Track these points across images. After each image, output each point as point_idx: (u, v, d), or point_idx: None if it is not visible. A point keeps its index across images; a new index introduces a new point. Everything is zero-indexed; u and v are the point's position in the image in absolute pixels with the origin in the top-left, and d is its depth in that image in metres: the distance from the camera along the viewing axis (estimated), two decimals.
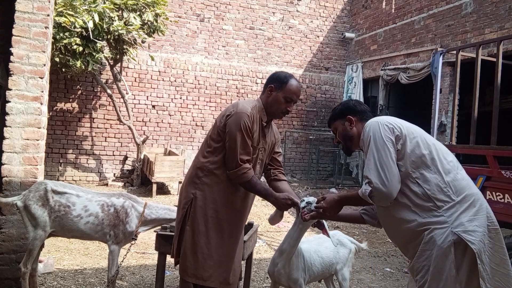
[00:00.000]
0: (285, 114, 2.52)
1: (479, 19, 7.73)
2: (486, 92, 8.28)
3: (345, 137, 2.25)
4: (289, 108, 2.49)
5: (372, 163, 1.95)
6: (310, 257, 2.73)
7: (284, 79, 2.47)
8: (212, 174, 2.40)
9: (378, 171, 1.92)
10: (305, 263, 2.68)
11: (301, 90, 2.61)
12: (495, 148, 4.26)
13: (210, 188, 2.40)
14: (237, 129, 2.31)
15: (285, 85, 2.45)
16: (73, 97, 9.21)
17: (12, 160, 3.17)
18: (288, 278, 2.58)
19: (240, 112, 2.34)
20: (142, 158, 8.89)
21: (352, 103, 2.30)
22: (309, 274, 2.71)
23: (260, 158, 2.51)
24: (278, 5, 10.95)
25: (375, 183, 1.92)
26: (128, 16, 7.53)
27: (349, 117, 2.23)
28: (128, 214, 3.11)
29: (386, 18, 10.32)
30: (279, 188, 2.55)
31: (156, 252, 3.14)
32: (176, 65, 10.02)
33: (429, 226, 1.91)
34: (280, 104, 2.45)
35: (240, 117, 2.32)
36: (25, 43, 3.19)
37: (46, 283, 3.64)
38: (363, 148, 2.10)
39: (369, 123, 2.08)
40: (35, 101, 3.22)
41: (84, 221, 3.02)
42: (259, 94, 2.84)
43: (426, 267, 1.91)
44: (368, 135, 2.02)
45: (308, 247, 2.76)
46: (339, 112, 2.30)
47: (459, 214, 1.89)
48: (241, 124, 2.31)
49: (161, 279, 3.10)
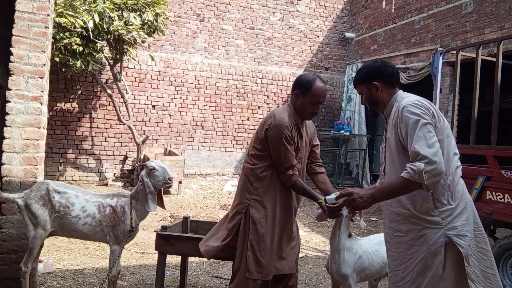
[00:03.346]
0: (314, 115, 2.69)
1: (479, 19, 7.73)
2: (486, 92, 8.28)
3: (372, 102, 2.21)
4: (317, 110, 2.64)
5: (422, 139, 1.89)
6: (368, 258, 2.77)
7: (308, 84, 2.60)
8: (261, 178, 2.63)
9: (429, 146, 1.87)
10: (362, 263, 2.73)
11: (326, 89, 2.69)
12: (495, 148, 4.26)
13: (262, 192, 2.62)
14: (279, 142, 2.53)
15: (309, 90, 2.58)
16: (73, 97, 9.21)
17: (12, 160, 3.17)
18: (337, 273, 2.67)
19: (279, 124, 2.54)
20: (142, 158, 8.88)
21: (377, 65, 2.19)
22: (365, 273, 2.77)
23: (299, 157, 2.70)
24: (278, 5, 10.95)
25: (430, 158, 1.84)
26: (128, 16, 7.53)
27: (375, 83, 2.17)
28: (125, 212, 3.10)
29: (386, 18, 10.32)
30: (318, 181, 2.78)
31: (156, 252, 3.14)
32: (176, 65, 10.02)
33: (422, 223, 1.99)
34: (308, 108, 2.61)
35: (281, 130, 2.53)
36: (25, 43, 3.19)
37: (46, 283, 3.64)
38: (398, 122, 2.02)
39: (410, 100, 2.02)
40: (35, 101, 3.22)
41: (82, 222, 3.01)
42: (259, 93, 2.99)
43: (412, 260, 2.00)
44: (415, 112, 1.96)
45: (368, 248, 2.81)
46: (364, 76, 2.21)
47: (453, 218, 1.97)
48: (283, 136, 2.53)
49: (161, 279, 3.10)
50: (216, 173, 10.37)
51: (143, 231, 5.44)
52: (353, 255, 2.69)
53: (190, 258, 4.11)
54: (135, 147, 9.12)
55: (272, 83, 10.92)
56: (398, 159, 2.06)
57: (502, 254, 3.96)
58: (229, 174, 10.48)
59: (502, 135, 4.93)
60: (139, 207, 3.11)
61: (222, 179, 10.12)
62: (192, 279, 4.01)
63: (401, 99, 2.11)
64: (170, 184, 3.10)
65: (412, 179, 1.87)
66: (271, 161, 2.63)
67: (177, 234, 3.19)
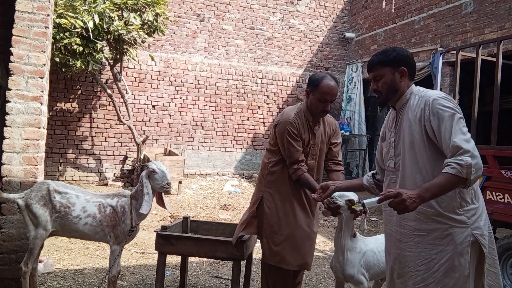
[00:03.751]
0: (325, 113, 2.75)
1: (479, 19, 7.72)
2: (486, 92, 8.28)
3: (391, 88, 2.03)
4: (326, 107, 2.69)
5: (459, 133, 1.81)
6: (373, 256, 2.79)
7: (316, 81, 2.68)
8: (273, 172, 2.81)
9: (468, 141, 1.81)
10: (367, 262, 2.75)
11: (336, 87, 2.70)
12: (495, 148, 4.26)
13: (274, 184, 2.79)
14: (283, 137, 2.70)
15: (317, 88, 2.66)
16: (73, 97, 9.21)
17: (12, 160, 3.17)
18: (343, 273, 2.69)
19: (284, 121, 2.72)
20: (142, 158, 8.88)
21: (407, 53, 2.06)
22: (372, 272, 2.79)
23: (312, 153, 2.81)
24: (278, 5, 10.95)
25: (472, 152, 1.77)
26: (128, 16, 7.53)
27: (403, 69, 2.03)
28: (126, 212, 3.10)
29: (386, 18, 10.32)
30: (331, 179, 2.84)
31: (156, 252, 3.14)
32: (176, 65, 10.02)
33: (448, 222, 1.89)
34: (317, 105, 2.69)
35: (284, 125, 2.70)
36: (25, 43, 3.19)
37: (46, 283, 3.64)
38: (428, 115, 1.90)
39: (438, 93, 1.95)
40: (35, 101, 3.22)
41: (82, 222, 3.02)
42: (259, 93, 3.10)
43: (436, 261, 1.89)
44: (448, 105, 1.87)
45: (373, 247, 2.83)
46: (393, 59, 2.03)
47: (477, 217, 1.92)
48: (286, 131, 2.68)
49: (161, 279, 3.10)
50: (216, 173, 10.37)
51: (143, 231, 5.44)
52: (356, 254, 2.70)
53: (190, 258, 4.11)
54: (135, 147, 9.12)
55: (272, 83, 10.92)
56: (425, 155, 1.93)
57: (502, 254, 3.96)
58: (229, 174, 10.48)
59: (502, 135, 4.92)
60: (139, 207, 3.11)
61: (222, 179, 10.12)
62: (192, 279, 4.01)
63: (421, 92, 2.01)
64: (168, 189, 3.12)
65: (459, 174, 1.74)
66: (282, 156, 2.78)
67: (177, 234, 3.18)
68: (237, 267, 2.98)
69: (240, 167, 10.64)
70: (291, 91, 11.13)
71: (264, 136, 10.87)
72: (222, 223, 3.80)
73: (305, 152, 2.76)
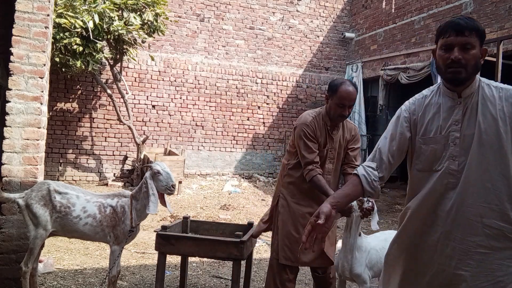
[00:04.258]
0: (343, 118, 2.81)
1: (479, 19, 7.72)
2: None
3: (476, 66, 1.66)
4: (344, 112, 2.75)
5: None
6: (376, 254, 2.85)
7: (335, 87, 2.75)
8: (290, 173, 2.93)
9: None
10: (371, 260, 2.81)
11: (354, 92, 2.75)
12: None
13: (290, 185, 2.91)
14: (299, 139, 2.79)
15: (336, 93, 2.73)
16: (73, 97, 9.21)
17: (12, 160, 3.17)
18: (350, 272, 2.73)
19: (301, 123, 2.83)
20: (142, 158, 8.88)
21: None
22: (375, 270, 2.84)
23: (330, 157, 2.89)
24: (278, 5, 10.95)
25: None
26: (128, 16, 7.53)
27: (485, 49, 1.71)
28: (126, 212, 3.10)
29: (386, 18, 10.32)
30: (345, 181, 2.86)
31: (156, 252, 3.14)
32: (176, 65, 10.02)
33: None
34: (335, 110, 2.75)
35: (301, 128, 2.80)
36: (25, 43, 3.19)
37: (46, 283, 3.64)
38: None
39: None
40: (35, 101, 3.22)
41: (83, 222, 3.02)
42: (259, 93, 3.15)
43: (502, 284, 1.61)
44: None
45: (375, 244, 2.89)
46: (483, 33, 1.67)
47: None
48: (301, 133, 2.78)
49: (161, 279, 3.10)
50: (216, 173, 10.37)
51: (143, 231, 5.44)
52: (363, 252, 2.76)
53: (190, 258, 4.11)
54: (135, 147, 9.12)
55: (272, 83, 10.92)
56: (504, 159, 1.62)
57: None
58: (229, 174, 10.48)
59: None
60: (139, 207, 3.11)
61: (222, 179, 10.12)
62: (192, 279, 4.01)
63: (492, 83, 1.71)
64: (172, 191, 3.13)
65: None
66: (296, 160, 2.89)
67: (177, 234, 3.18)
68: (237, 267, 2.98)
69: (240, 167, 10.64)
70: (291, 91, 11.13)
71: (264, 136, 10.87)
72: (222, 223, 3.80)
73: (323, 156, 2.84)
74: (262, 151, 10.87)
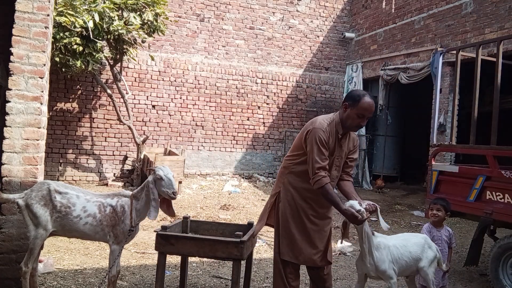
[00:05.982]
0: (359, 128, 2.89)
1: (479, 19, 7.73)
2: (486, 92, 8.27)
3: None
4: (362, 123, 2.81)
5: None
6: (397, 251, 2.96)
7: (357, 97, 2.79)
8: (293, 173, 2.96)
9: None
10: (393, 255, 2.92)
11: (374, 106, 2.83)
12: (495, 148, 4.26)
13: (290, 184, 2.95)
14: (314, 143, 2.77)
15: (357, 103, 2.76)
16: (73, 97, 9.21)
17: (12, 160, 3.17)
18: (376, 270, 2.84)
19: (316, 128, 2.80)
20: (142, 158, 8.88)
21: None
22: (398, 266, 2.94)
23: (336, 164, 2.93)
24: (278, 5, 10.95)
25: None
26: (128, 16, 7.53)
27: None
28: (125, 211, 3.10)
29: (386, 18, 10.32)
30: (341, 187, 3.00)
31: (156, 252, 3.13)
32: (176, 65, 10.02)
33: None
34: (354, 119, 2.79)
35: (316, 132, 2.78)
36: (25, 43, 3.19)
37: (46, 283, 3.64)
38: None
39: None
40: (35, 101, 3.22)
41: (83, 221, 3.02)
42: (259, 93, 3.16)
43: None
44: None
45: (395, 242, 3.01)
46: None
47: None
48: (317, 138, 2.76)
49: (161, 279, 3.09)
50: (216, 173, 10.38)
51: (143, 231, 5.44)
52: (382, 250, 2.87)
53: (190, 258, 4.11)
54: (135, 147, 9.12)
55: (272, 83, 10.92)
56: None
57: (502, 254, 3.96)
58: (229, 174, 10.48)
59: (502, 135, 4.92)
60: (140, 207, 3.11)
61: (222, 179, 10.12)
62: (192, 279, 4.01)
63: None
64: (173, 198, 3.14)
65: None
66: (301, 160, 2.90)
67: (177, 234, 3.18)
68: (237, 267, 2.98)
69: (240, 167, 10.64)
70: (291, 91, 11.13)
71: (264, 136, 10.87)
72: (222, 223, 3.80)
73: (330, 163, 2.86)
74: (262, 151, 10.88)
